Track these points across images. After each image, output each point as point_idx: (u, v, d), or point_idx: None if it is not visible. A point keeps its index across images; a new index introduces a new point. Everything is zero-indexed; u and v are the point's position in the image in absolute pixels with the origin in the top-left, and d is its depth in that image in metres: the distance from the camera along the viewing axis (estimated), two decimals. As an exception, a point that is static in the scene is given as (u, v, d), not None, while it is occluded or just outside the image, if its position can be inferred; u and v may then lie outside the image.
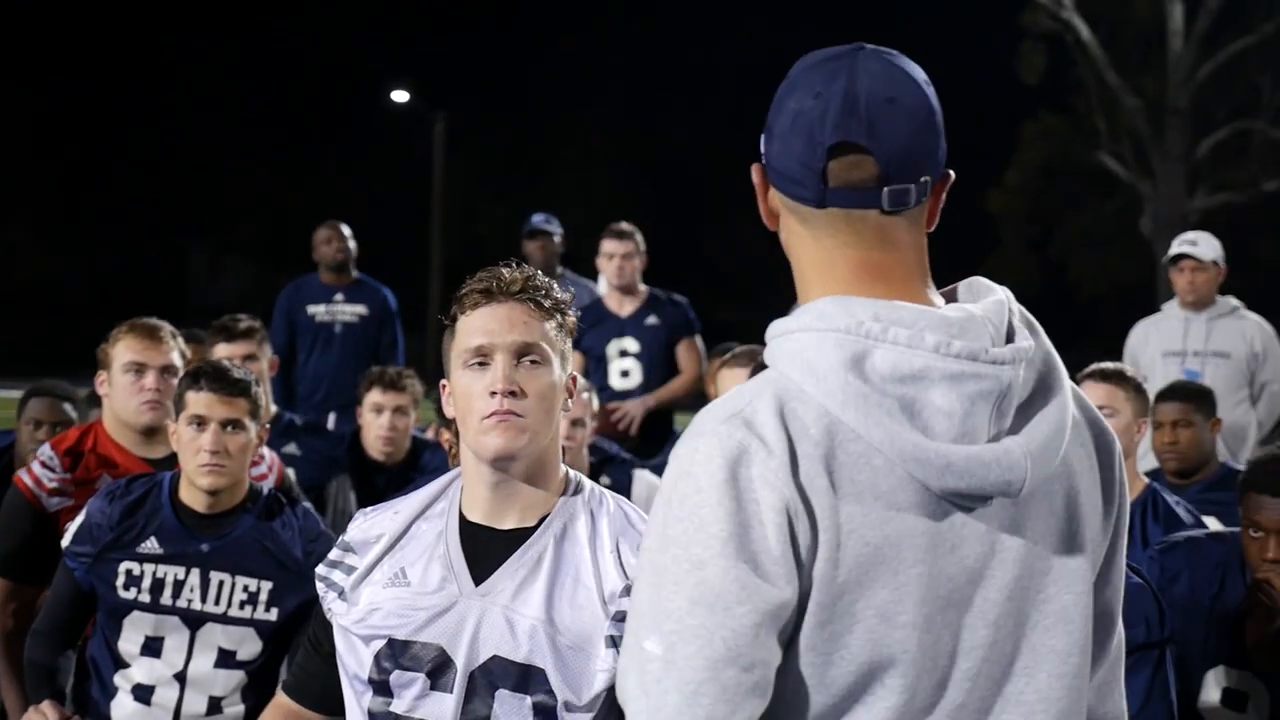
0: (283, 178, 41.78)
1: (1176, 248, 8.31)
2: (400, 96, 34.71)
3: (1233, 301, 8.32)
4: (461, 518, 2.85)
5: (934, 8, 38.15)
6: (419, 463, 6.41)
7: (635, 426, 8.20)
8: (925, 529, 2.01)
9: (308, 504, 4.50)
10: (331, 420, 8.87)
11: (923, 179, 2.08)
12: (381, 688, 2.81)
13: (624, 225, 8.62)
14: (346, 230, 9.44)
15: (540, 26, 45.56)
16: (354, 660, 2.84)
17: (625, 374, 8.35)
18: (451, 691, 2.77)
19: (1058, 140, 33.35)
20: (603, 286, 8.87)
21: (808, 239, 2.12)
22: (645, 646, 1.98)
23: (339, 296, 9.37)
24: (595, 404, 5.75)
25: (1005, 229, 34.30)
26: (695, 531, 1.97)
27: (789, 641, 2.00)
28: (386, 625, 2.81)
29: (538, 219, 9.73)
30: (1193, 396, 6.15)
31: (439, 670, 2.78)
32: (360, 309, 9.39)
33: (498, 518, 2.82)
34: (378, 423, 6.43)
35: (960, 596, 2.04)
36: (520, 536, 2.80)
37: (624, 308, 8.51)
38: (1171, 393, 6.17)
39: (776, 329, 2.10)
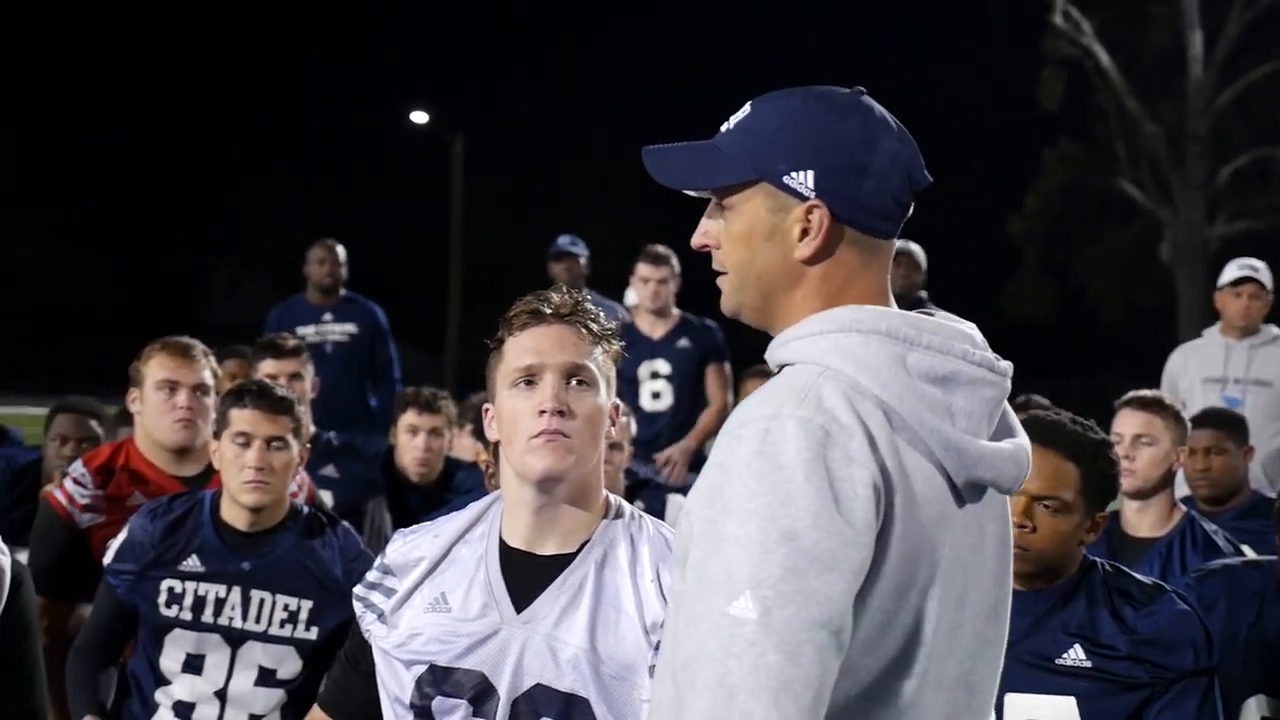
0: (302, 196, 41.84)
1: (1239, 271, 8.11)
2: (419, 117, 34.76)
3: (1274, 330, 8.13)
4: (501, 543, 2.83)
5: (956, 35, 38.14)
6: (452, 483, 6.42)
7: (679, 471, 8.13)
8: (949, 514, 2.17)
9: (347, 524, 4.49)
10: None
11: None
12: (423, 713, 2.81)
13: (660, 249, 8.56)
14: (340, 251, 9.40)
15: (560, 46, 45.64)
16: (395, 683, 2.84)
17: (656, 395, 8.32)
18: (494, 719, 2.75)
19: (1077, 166, 33.25)
20: (630, 302, 8.82)
21: (856, 267, 2.23)
22: (730, 612, 2.01)
23: (327, 316, 9.32)
24: (633, 428, 5.73)
25: (1025, 253, 34.22)
26: (783, 505, 2.03)
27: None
28: (428, 651, 2.80)
29: (564, 240, 9.70)
30: (1225, 423, 6.10)
31: (481, 697, 2.77)
32: (350, 327, 9.32)
33: (538, 543, 2.81)
34: (413, 444, 6.45)
35: (958, 580, 2.19)
36: (561, 563, 2.79)
37: (656, 330, 8.49)
38: (1204, 419, 6.11)
39: (807, 328, 2.19)
